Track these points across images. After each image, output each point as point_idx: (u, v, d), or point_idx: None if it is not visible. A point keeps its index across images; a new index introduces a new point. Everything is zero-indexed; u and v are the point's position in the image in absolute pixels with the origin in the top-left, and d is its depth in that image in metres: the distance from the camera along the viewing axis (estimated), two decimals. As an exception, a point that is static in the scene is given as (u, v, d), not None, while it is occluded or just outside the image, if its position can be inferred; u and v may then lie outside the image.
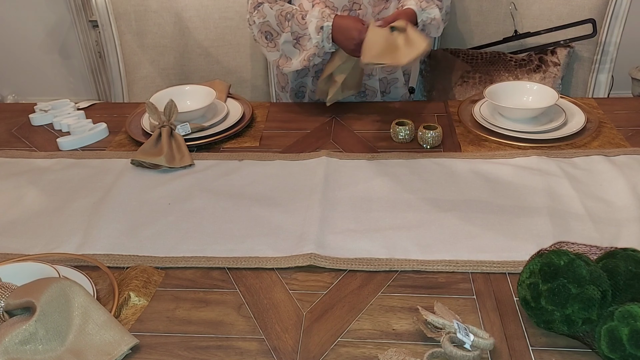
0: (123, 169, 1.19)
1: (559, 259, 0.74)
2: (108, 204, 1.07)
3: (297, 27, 1.27)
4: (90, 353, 0.75)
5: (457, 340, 0.74)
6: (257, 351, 0.77)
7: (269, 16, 1.29)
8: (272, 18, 1.29)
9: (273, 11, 1.29)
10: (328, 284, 0.88)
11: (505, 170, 1.12)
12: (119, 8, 1.66)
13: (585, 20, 1.55)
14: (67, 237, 1.00)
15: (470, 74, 1.60)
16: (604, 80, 1.63)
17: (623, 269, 0.75)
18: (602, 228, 0.96)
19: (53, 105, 1.45)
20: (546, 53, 1.58)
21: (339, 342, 0.77)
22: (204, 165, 1.20)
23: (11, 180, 1.18)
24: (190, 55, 1.74)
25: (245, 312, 0.84)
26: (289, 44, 1.30)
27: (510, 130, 1.23)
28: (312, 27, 1.26)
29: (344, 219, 1.01)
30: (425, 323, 0.77)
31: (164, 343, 0.79)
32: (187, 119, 1.30)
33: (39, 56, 3.06)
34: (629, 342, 0.67)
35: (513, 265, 0.89)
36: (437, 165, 1.15)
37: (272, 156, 1.22)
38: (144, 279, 0.89)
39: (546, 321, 0.75)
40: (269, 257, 0.93)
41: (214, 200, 1.08)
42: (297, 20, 1.27)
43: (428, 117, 1.35)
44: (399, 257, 0.91)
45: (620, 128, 1.27)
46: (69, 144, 1.30)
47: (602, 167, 1.12)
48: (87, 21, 2.92)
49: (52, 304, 0.75)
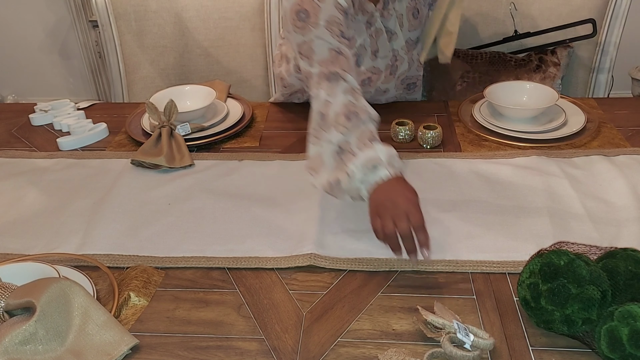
0: (123, 169, 1.19)
1: (559, 259, 0.74)
2: (108, 204, 1.07)
3: (352, 139, 0.93)
4: (90, 353, 0.75)
5: (457, 340, 0.74)
6: (257, 351, 0.77)
7: (337, 100, 0.98)
8: (338, 104, 0.97)
9: (344, 98, 0.98)
10: (328, 284, 0.88)
11: (505, 170, 1.12)
12: (119, 8, 1.66)
13: (585, 20, 1.55)
14: (67, 237, 1.00)
15: (470, 74, 1.60)
16: (604, 80, 1.63)
17: (623, 269, 0.75)
18: (602, 228, 0.96)
19: (53, 105, 1.45)
20: (546, 53, 1.58)
21: (338, 342, 0.77)
22: (204, 166, 1.20)
23: (11, 180, 1.18)
24: (190, 55, 1.74)
25: (245, 312, 0.84)
26: (332, 146, 0.95)
27: (510, 130, 1.23)
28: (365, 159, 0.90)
29: (344, 219, 1.01)
30: (425, 323, 0.77)
31: (164, 343, 0.79)
32: (187, 119, 1.30)
33: (38, 56, 3.06)
34: (628, 342, 0.67)
35: (513, 265, 0.89)
36: (437, 165, 1.15)
37: (272, 156, 1.22)
38: (144, 279, 0.89)
39: (546, 321, 0.75)
40: (268, 257, 0.93)
41: (213, 201, 1.08)
42: (357, 133, 0.94)
43: (428, 117, 1.35)
44: (399, 257, 0.91)
45: (620, 128, 1.27)
46: (69, 144, 1.30)
47: (602, 167, 1.12)
48: (87, 21, 2.92)
49: (52, 304, 0.75)
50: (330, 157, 0.95)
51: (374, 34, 1.24)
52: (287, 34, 1.14)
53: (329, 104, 0.98)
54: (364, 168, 0.89)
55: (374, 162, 0.89)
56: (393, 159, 0.91)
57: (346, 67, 1.04)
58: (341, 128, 0.94)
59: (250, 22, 1.69)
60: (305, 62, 1.07)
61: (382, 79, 1.30)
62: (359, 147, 0.92)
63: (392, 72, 1.32)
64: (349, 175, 0.90)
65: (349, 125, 0.94)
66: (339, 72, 1.02)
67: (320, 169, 0.96)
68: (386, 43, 1.26)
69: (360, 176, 0.89)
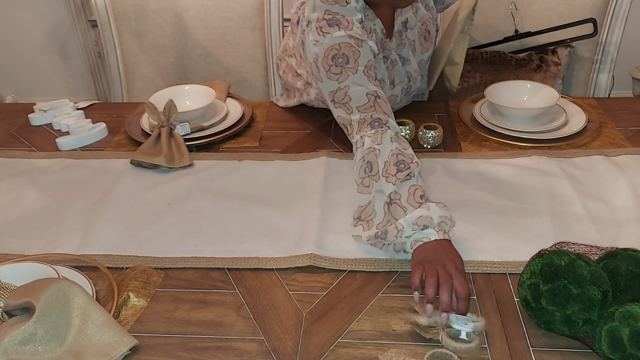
0: (122, 169, 1.19)
1: (560, 259, 0.74)
2: (107, 205, 1.07)
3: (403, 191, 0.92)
4: (89, 354, 0.75)
5: (452, 334, 0.75)
6: (256, 352, 0.76)
7: (385, 148, 0.98)
8: (386, 153, 0.97)
9: (392, 146, 0.97)
10: (328, 285, 0.88)
11: (506, 171, 1.12)
12: (119, 8, 1.66)
13: (586, 19, 1.55)
14: (67, 238, 0.99)
15: (470, 74, 1.60)
16: (605, 80, 1.63)
17: (624, 270, 0.75)
18: (602, 228, 0.95)
19: (52, 105, 1.45)
20: (547, 53, 1.58)
21: (339, 343, 0.77)
22: (203, 166, 1.20)
23: (10, 180, 1.18)
24: (189, 55, 1.74)
25: (245, 313, 0.83)
26: (383, 196, 0.94)
27: (510, 130, 1.23)
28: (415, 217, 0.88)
29: (344, 219, 1.01)
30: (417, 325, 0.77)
31: (164, 344, 0.78)
32: (186, 118, 1.30)
33: (38, 56, 3.06)
34: (629, 343, 0.67)
35: (514, 266, 0.88)
36: (437, 165, 1.15)
37: (272, 156, 1.22)
38: (144, 279, 0.89)
39: (547, 322, 0.75)
40: (268, 258, 0.93)
41: (213, 201, 1.08)
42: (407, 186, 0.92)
43: (428, 117, 1.35)
44: (399, 258, 0.91)
45: (620, 128, 1.26)
46: (69, 144, 1.29)
47: (602, 167, 1.11)
48: (87, 21, 2.92)
49: (51, 305, 0.75)
50: (381, 208, 0.94)
51: (390, 65, 1.25)
52: (317, 80, 1.12)
53: (377, 151, 0.98)
54: (414, 225, 0.87)
55: (425, 221, 0.87)
56: (444, 222, 0.88)
57: (387, 110, 1.04)
58: (392, 178, 0.93)
59: (250, 22, 1.69)
60: (342, 109, 1.07)
61: (399, 101, 1.32)
62: (410, 203, 0.90)
63: (407, 93, 1.33)
64: (397, 229, 0.88)
65: (400, 176, 0.93)
66: (382, 118, 1.02)
67: (371, 219, 0.94)
68: (400, 70, 1.27)
69: (408, 232, 0.87)
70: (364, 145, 1.00)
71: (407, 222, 0.88)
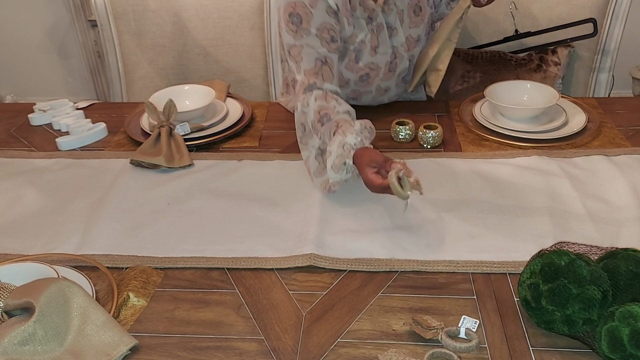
0: (122, 169, 1.19)
1: (560, 259, 0.74)
2: (107, 204, 1.07)
3: (326, 139, 1.05)
4: (89, 354, 0.75)
5: (452, 333, 0.76)
6: (256, 352, 0.76)
7: (310, 109, 1.10)
8: (311, 112, 1.10)
9: (315, 105, 1.10)
10: (328, 285, 0.88)
11: (506, 170, 1.12)
12: (118, 8, 1.66)
13: (586, 19, 1.55)
14: (66, 238, 0.99)
15: (470, 74, 1.60)
16: (605, 79, 1.63)
17: (624, 269, 0.75)
18: (602, 228, 0.95)
19: (52, 105, 1.45)
20: (547, 52, 1.58)
21: (338, 343, 0.77)
22: (203, 165, 1.19)
23: (10, 180, 1.18)
24: (189, 55, 1.74)
25: (245, 312, 0.83)
26: (314, 150, 1.09)
27: (510, 130, 1.23)
28: (332, 159, 1.02)
29: (344, 219, 1.00)
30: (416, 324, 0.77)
31: (163, 344, 0.78)
32: (186, 118, 1.30)
33: (37, 56, 3.06)
34: (629, 343, 0.67)
35: (514, 266, 0.88)
36: (437, 165, 1.15)
37: (272, 156, 1.22)
38: (143, 279, 0.89)
39: (547, 321, 0.75)
40: (268, 258, 0.93)
41: (213, 201, 1.08)
42: (327, 132, 1.05)
43: (428, 117, 1.34)
44: (399, 258, 0.91)
45: (620, 128, 1.26)
46: (68, 144, 1.29)
47: (602, 166, 1.11)
48: (86, 21, 2.92)
49: (51, 305, 0.75)
50: (314, 161, 1.09)
51: (375, 29, 1.25)
52: (280, 29, 1.22)
53: (305, 114, 1.11)
54: (339, 157, 1.00)
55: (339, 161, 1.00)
56: (345, 145, 1.00)
57: (327, 77, 1.15)
58: (318, 133, 1.07)
59: (250, 22, 1.69)
60: (293, 65, 1.17)
61: (381, 75, 1.30)
62: (330, 144, 1.02)
63: (391, 69, 1.32)
64: (332, 168, 1.01)
65: (323, 129, 1.06)
66: (316, 83, 1.14)
67: (312, 172, 1.09)
68: (386, 39, 1.27)
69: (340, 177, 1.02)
70: (297, 109, 1.13)
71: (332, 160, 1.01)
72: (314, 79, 1.14)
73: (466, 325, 0.77)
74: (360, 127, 1.02)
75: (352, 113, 1.10)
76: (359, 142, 1.00)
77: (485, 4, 1.25)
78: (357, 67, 1.26)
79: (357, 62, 1.26)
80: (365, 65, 1.27)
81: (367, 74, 1.28)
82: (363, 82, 1.29)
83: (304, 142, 1.12)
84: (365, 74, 1.28)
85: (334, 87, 1.15)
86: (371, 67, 1.27)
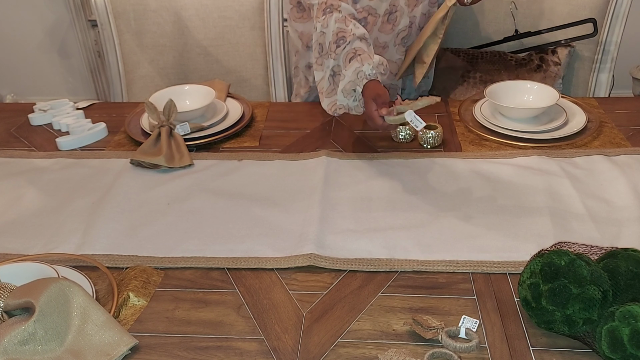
0: (122, 169, 1.19)
1: (560, 259, 0.74)
2: (107, 204, 1.07)
3: (341, 62, 1.14)
4: (89, 354, 0.75)
5: (452, 333, 0.76)
6: (256, 352, 0.76)
7: (329, 29, 1.16)
8: (330, 34, 1.16)
9: (335, 26, 1.16)
10: (328, 285, 0.88)
11: (506, 170, 1.12)
12: (118, 7, 1.66)
13: (586, 19, 1.55)
14: (66, 237, 0.99)
15: (470, 74, 1.60)
16: (605, 79, 1.63)
17: (624, 269, 0.75)
18: (602, 228, 0.95)
19: (52, 105, 1.45)
20: (547, 52, 1.58)
21: (339, 343, 0.77)
22: (203, 165, 1.19)
23: (10, 180, 1.18)
24: (189, 54, 1.74)
25: (245, 312, 0.83)
26: (328, 70, 1.17)
27: (511, 130, 1.23)
28: (344, 84, 1.11)
29: (344, 219, 1.01)
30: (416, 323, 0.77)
31: (163, 343, 0.78)
32: (186, 118, 1.30)
33: (38, 56, 3.06)
34: (629, 343, 0.67)
35: (514, 266, 0.88)
36: (437, 165, 1.15)
37: (272, 156, 1.22)
38: (143, 279, 0.89)
39: (547, 321, 0.75)
40: (268, 258, 0.93)
41: (213, 201, 1.08)
42: (343, 55, 1.13)
43: (428, 117, 1.34)
44: (399, 257, 0.91)
45: (621, 128, 1.26)
46: (68, 143, 1.29)
47: (602, 166, 1.11)
48: (86, 20, 2.92)
49: (51, 305, 0.75)
50: (326, 81, 1.17)
51: None
52: None
53: (324, 34, 1.17)
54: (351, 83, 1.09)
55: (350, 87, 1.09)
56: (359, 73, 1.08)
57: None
58: (333, 55, 1.14)
59: (250, 21, 1.69)
60: None
61: (379, 24, 1.31)
62: (345, 67, 1.11)
63: (390, 21, 1.33)
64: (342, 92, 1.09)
65: (339, 51, 1.13)
66: (334, 4, 1.20)
67: (323, 92, 1.17)
68: None
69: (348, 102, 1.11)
70: (316, 30, 1.19)
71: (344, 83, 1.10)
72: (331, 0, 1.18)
73: (466, 325, 0.77)
74: (379, 61, 1.09)
75: (368, 39, 1.16)
76: (373, 75, 1.07)
77: (469, 4, 1.27)
78: (355, 8, 1.28)
79: (355, 3, 1.28)
80: (364, 8, 1.28)
81: (365, 19, 1.30)
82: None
83: (320, 63, 1.17)
84: (364, 18, 1.30)
85: (349, 7, 1.20)
86: (369, 12, 1.29)
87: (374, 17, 1.29)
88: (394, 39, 1.35)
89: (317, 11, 1.21)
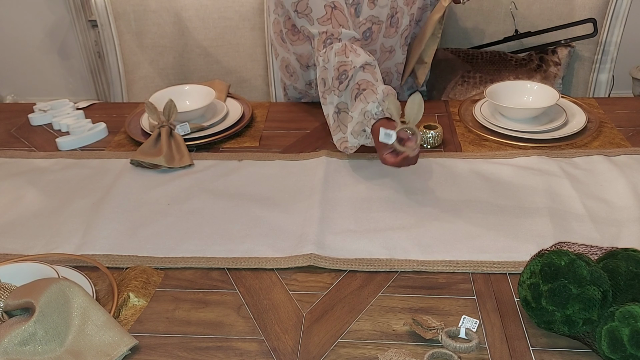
0: (122, 169, 1.19)
1: (560, 259, 0.74)
2: (107, 204, 1.07)
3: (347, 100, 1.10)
4: (89, 354, 0.75)
5: (452, 333, 0.76)
6: (256, 352, 0.76)
7: (330, 65, 1.13)
8: (331, 69, 1.13)
9: (335, 60, 1.12)
10: (328, 285, 0.88)
11: (506, 171, 1.12)
12: (118, 8, 1.66)
13: (586, 19, 1.55)
14: (66, 238, 0.99)
15: (470, 74, 1.60)
16: (605, 79, 1.63)
17: (624, 269, 0.75)
18: (602, 228, 0.95)
19: (52, 105, 1.45)
20: (547, 53, 1.58)
21: (339, 343, 0.77)
22: (203, 166, 1.20)
23: (10, 180, 1.18)
24: (189, 55, 1.74)
25: (245, 312, 0.83)
26: (333, 107, 1.13)
27: (510, 130, 1.23)
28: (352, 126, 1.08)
29: (344, 219, 1.01)
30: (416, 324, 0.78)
31: (164, 344, 0.78)
32: (186, 118, 1.30)
33: (38, 56, 3.06)
34: (629, 343, 0.67)
35: (514, 266, 0.88)
36: (437, 165, 1.15)
37: (272, 156, 1.22)
38: (144, 279, 0.89)
39: (547, 322, 0.75)
40: (268, 258, 0.93)
41: (213, 201, 1.08)
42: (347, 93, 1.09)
43: (428, 117, 1.34)
44: (399, 258, 0.91)
45: (620, 128, 1.26)
46: (68, 144, 1.29)
47: (602, 167, 1.11)
48: (87, 21, 2.92)
49: (51, 305, 0.75)
50: (331, 118, 1.14)
51: None
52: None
53: (326, 69, 1.14)
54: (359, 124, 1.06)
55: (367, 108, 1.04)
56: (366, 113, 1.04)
57: (341, 20, 1.17)
58: (336, 91, 1.11)
59: (250, 22, 1.69)
60: (304, 20, 1.20)
61: (384, 30, 1.30)
62: (351, 108, 1.07)
63: (392, 24, 1.32)
64: (351, 134, 1.07)
65: (342, 87, 1.10)
66: (334, 34, 1.16)
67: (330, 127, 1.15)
68: None
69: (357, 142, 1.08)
70: (319, 64, 1.17)
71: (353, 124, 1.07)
72: (328, 25, 1.15)
73: (466, 325, 0.78)
74: (383, 95, 1.04)
75: (372, 62, 1.12)
76: (380, 113, 1.03)
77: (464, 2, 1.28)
78: (358, 22, 1.27)
79: (357, 17, 1.27)
80: (366, 19, 1.27)
81: (370, 29, 1.28)
82: (367, 40, 1.29)
83: (325, 98, 1.15)
84: (368, 29, 1.28)
85: (350, 31, 1.17)
86: (373, 21, 1.27)
87: (377, 25, 1.28)
88: (399, 40, 1.35)
89: (318, 43, 1.18)
